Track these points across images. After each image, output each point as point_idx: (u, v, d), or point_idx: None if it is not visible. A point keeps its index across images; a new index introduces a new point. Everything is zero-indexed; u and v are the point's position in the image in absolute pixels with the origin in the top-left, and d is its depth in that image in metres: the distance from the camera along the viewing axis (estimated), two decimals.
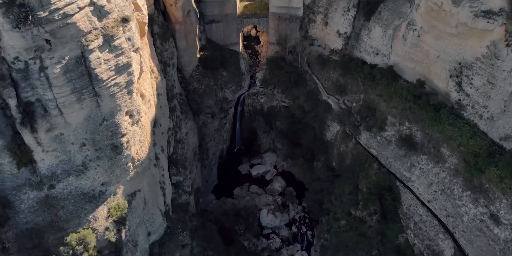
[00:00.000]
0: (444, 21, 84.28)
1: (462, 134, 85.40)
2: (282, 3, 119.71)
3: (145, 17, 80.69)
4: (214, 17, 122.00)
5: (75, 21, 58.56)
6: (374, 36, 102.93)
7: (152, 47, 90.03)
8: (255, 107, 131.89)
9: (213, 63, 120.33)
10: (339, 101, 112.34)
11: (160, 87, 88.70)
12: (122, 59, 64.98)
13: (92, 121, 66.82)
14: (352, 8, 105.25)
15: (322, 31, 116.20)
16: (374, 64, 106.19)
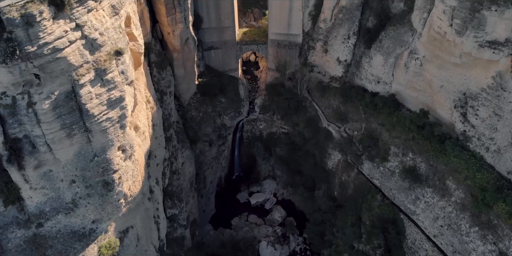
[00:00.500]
0: (448, 50, 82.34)
1: (468, 167, 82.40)
2: (281, 30, 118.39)
3: (141, 47, 78.72)
4: (213, 44, 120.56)
5: (66, 55, 56.26)
6: (375, 64, 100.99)
7: (148, 76, 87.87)
8: (254, 134, 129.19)
9: (212, 90, 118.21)
10: (340, 129, 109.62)
11: (156, 117, 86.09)
12: (114, 93, 62.47)
13: (82, 157, 63.88)
14: (353, 35, 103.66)
15: (321, 58, 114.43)
16: (376, 92, 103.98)
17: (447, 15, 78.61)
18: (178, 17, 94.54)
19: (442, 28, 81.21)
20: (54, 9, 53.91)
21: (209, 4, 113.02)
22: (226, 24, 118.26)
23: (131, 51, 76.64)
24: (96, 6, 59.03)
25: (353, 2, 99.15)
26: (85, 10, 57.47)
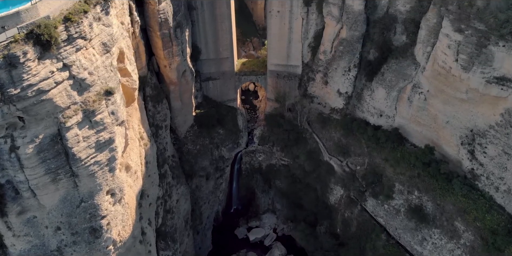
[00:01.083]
0: (453, 86, 79.49)
1: (478, 207, 78.35)
2: (280, 61, 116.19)
3: (134, 83, 75.80)
4: (211, 75, 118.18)
5: (51, 97, 53.08)
6: (377, 97, 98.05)
7: (143, 111, 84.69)
8: (253, 165, 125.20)
9: (209, 121, 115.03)
10: (342, 163, 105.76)
11: (150, 154, 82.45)
12: (103, 135, 59.03)
13: (68, 203, 59.93)
14: (353, 68, 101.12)
15: (322, 90, 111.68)
16: (378, 125, 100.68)
17: (452, 50, 76.14)
18: (175, 50, 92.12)
19: (447, 63, 78.60)
20: (40, 49, 51.01)
21: (208, 35, 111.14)
22: (224, 55, 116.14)
23: (125, 87, 73.81)
24: (85, 44, 56.27)
25: (353, 34, 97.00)
26: (74, 49, 54.65)
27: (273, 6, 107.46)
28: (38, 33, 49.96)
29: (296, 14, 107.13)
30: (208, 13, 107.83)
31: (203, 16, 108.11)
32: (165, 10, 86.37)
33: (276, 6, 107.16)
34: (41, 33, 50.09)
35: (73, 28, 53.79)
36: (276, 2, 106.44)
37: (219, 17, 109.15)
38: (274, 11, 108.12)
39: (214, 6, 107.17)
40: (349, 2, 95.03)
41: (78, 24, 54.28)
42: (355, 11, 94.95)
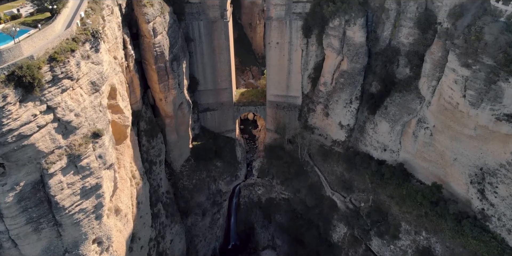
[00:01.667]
0: (461, 122, 75.90)
1: (489, 250, 73.62)
2: (279, 91, 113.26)
3: (127, 120, 72.31)
4: (209, 106, 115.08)
5: (34, 142, 49.45)
6: (381, 131, 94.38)
7: (136, 147, 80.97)
8: (252, 199, 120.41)
9: (207, 154, 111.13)
10: (345, 199, 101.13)
11: (142, 193, 78.21)
12: (90, 181, 55.07)
13: (51, 254, 55.53)
14: (355, 100, 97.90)
15: (322, 121, 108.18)
16: (382, 160, 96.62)
17: (460, 85, 72.92)
18: (171, 84, 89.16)
19: (454, 98, 75.26)
20: (22, 92, 47.71)
21: (206, 67, 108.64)
22: (223, 86, 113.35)
23: (116, 124, 70.34)
24: (72, 84, 52.98)
25: (354, 66, 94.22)
26: (59, 90, 51.33)
27: (272, 38, 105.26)
28: (20, 74, 46.81)
29: (295, 45, 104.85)
30: (206, 45, 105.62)
31: (201, 48, 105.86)
32: (161, 43, 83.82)
33: (275, 37, 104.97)
34: (23, 75, 46.94)
35: (58, 68, 50.65)
36: (275, 33, 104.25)
37: (218, 49, 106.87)
38: (273, 42, 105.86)
39: (212, 38, 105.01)
40: (350, 34, 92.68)
41: (64, 63, 51.17)
42: (356, 43, 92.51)
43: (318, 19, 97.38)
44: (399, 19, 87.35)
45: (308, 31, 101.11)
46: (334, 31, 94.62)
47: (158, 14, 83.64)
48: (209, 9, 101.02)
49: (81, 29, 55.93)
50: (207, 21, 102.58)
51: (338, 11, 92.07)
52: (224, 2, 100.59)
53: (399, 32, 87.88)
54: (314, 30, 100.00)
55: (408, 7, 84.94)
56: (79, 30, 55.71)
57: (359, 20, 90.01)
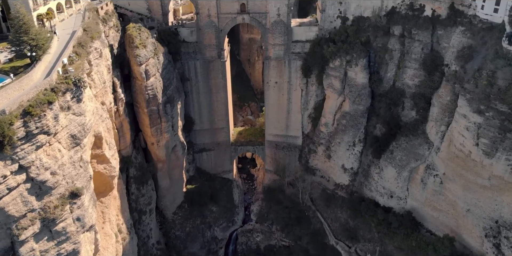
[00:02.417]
0: (474, 171, 70.51)
1: None
2: (279, 131, 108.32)
3: (113, 170, 66.89)
4: (205, 146, 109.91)
5: (3, 206, 44.12)
6: (387, 177, 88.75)
7: (124, 197, 75.20)
8: (250, 247, 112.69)
9: (201, 198, 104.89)
10: (351, 249, 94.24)
11: (128, 249, 71.85)
12: (66, 247, 49.21)
13: None
14: (358, 143, 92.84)
15: (324, 163, 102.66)
16: (389, 207, 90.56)
17: (472, 132, 67.97)
18: (164, 127, 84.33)
19: (465, 146, 70.14)
20: None
21: (202, 106, 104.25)
22: (220, 126, 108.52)
23: (102, 175, 64.88)
24: (48, 140, 47.90)
25: (357, 108, 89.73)
26: (33, 147, 46.19)
27: (271, 77, 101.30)
28: None
29: (294, 85, 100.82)
30: (203, 84, 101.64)
31: (198, 87, 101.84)
32: (153, 85, 79.59)
33: (273, 77, 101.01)
34: None
35: (33, 123, 45.72)
36: (274, 73, 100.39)
37: (214, 88, 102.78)
38: (271, 82, 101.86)
39: (209, 77, 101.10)
40: (352, 75, 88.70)
41: (40, 118, 46.28)
42: (359, 84, 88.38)
43: (317, 59, 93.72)
44: (404, 60, 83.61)
45: (308, 71, 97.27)
46: (335, 71, 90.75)
47: (151, 55, 79.84)
48: (206, 49, 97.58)
49: (62, 78, 51.44)
50: (203, 61, 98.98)
51: (339, 51, 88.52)
52: (221, 41, 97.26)
53: (404, 74, 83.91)
54: (314, 70, 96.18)
55: (413, 48, 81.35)
56: (60, 79, 51.22)
57: (361, 60, 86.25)
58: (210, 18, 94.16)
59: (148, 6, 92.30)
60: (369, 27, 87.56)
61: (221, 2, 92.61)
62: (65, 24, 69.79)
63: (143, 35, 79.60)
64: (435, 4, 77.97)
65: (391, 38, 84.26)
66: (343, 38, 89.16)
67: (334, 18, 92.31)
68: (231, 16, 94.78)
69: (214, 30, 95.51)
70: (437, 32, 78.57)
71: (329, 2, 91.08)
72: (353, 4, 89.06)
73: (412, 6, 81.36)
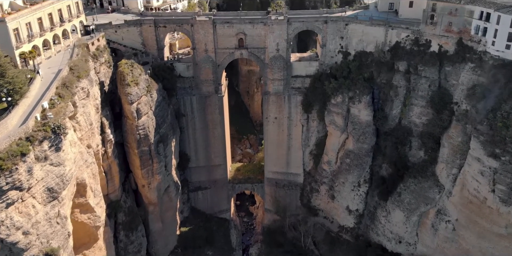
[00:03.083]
0: (489, 218, 65.06)
1: None
2: (279, 168, 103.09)
3: (98, 219, 61.44)
4: (201, 184, 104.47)
5: None
6: (395, 221, 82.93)
7: (110, 247, 69.51)
8: None
9: (196, 242, 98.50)
10: None
11: None
12: None
13: None
14: (364, 183, 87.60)
15: (328, 204, 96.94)
16: (397, 252, 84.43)
17: (487, 177, 62.90)
18: (156, 168, 79.24)
19: (480, 191, 64.93)
20: None
21: (198, 142, 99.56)
22: (216, 162, 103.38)
23: (85, 225, 59.33)
24: (21, 195, 42.80)
25: (361, 147, 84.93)
26: (3, 205, 41.13)
27: (270, 113, 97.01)
28: None
29: (295, 120, 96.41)
30: (199, 120, 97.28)
31: (193, 123, 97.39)
32: (145, 125, 75.03)
33: (273, 112, 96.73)
34: None
35: (3, 178, 40.76)
36: (273, 108, 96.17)
37: (211, 124, 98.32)
38: (271, 117, 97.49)
39: (205, 112, 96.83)
40: (355, 112, 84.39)
41: (11, 172, 41.35)
42: (362, 122, 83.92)
43: (319, 95, 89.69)
44: (410, 97, 79.40)
45: (309, 107, 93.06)
46: (337, 108, 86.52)
47: (144, 93, 75.69)
48: (202, 84, 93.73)
49: (39, 125, 46.81)
50: (200, 96, 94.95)
51: (341, 87, 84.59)
52: (218, 76, 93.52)
53: (410, 111, 79.52)
54: (315, 106, 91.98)
55: (419, 85, 77.29)
56: (37, 126, 46.62)
57: (365, 97, 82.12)
58: (207, 53, 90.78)
59: (143, 40, 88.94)
60: (372, 63, 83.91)
61: (218, 37, 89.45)
62: (51, 62, 65.87)
63: (136, 71, 75.68)
64: (442, 40, 74.48)
65: (396, 74, 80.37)
66: (345, 74, 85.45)
67: (335, 53, 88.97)
68: (229, 51, 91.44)
69: (211, 65, 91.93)
70: (445, 68, 74.74)
71: (330, 37, 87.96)
72: (355, 39, 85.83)
73: (418, 41, 77.84)
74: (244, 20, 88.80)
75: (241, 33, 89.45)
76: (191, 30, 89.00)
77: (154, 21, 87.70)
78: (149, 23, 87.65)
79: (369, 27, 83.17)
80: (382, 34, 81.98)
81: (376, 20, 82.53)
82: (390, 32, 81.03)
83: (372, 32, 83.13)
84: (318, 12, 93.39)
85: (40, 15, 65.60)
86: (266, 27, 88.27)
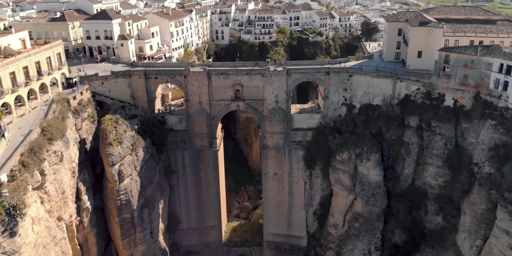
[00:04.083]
0: None
1: None
2: (279, 230, 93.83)
3: None
4: (192, 248, 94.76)
5: None
6: None
7: None
8: None
9: None
10: None
11: None
12: None
13: None
14: (375, 251, 78.18)
15: None
16: None
17: None
18: (139, 238, 70.26)
19: None
20: None
21: (190, 201, 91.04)
22: (210, 223, 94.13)
23: None
24: None
25: (371, 210, 76.23)
26: None
27: (269, 168, 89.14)
28: None
29: (296, 177, 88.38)
30: (191, 176, 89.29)
31: (185, 180, 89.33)
32: (127, 189, 66.85)
33: (272, 168, 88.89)
34: None
35: None
36: (273, 163, 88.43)
37: (204, 180, 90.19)
38: (270, 173, 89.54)
39: (198, 168, 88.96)
40: (363, 171, 76.45)
41: None
42: (372, 182, 75.77)
43: (322, 150, 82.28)
44: (423, 156, 71.76)
45: (311, 162, 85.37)
46: (343, 165, 78.76)
47: (128, 152, 68.14)
48: (195, 137, 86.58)
49: None
50: (193, 151, 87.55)
51: (346, 143, 77.30)
52: (213, 129, 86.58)
53: (424, 171, 71.63)
54: (318, 162, 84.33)
55: (434, 143, 69.91)
56: None
57: (373, 155, 74.52)
58: (201, 105, 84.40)
59: (132, 92, 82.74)
60: (380, 117, 77.10)
61: (213, 88, 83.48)
62: (23, 121, 58.72)
63: (121, 128, 68.52)
64: (457, 94, 68.00)
65: (407, 130, 73.24)
66: (351, 128, 78.49)
67: (339, 105, 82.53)
68: (225, 102, 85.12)
69: (205, 118, 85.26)
70: (462, 125, 67.77)
71: (333, 89, 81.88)
72: (360, 91, 79.61)
73: (430, 94, 71.40)
74: (240, 71, 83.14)
75: (238, 85, 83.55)
76: (184, 82, 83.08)
77: (144, 72, 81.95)
78: (139, 74, 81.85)
79: (375, 79, 77.15)
80: (390, 86, 75.81)
81: (383, 72, 76.65)
82: (398, 84, 74.87)
83: (378, 84, 77.00)
84: (319, 63, 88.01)
85: (13, 69, 59.35)
86: (264, 78, 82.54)
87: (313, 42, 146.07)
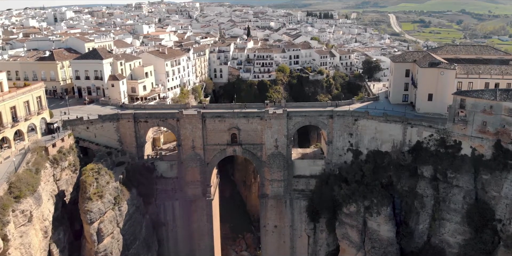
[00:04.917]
0: None
1: None
2: None
3: None
4: None
5: None
6: None
7: None
8: None
9: None
10: None
11: None
12: None
13: None
14: None
15: None
16: None
17: None
18: None
19: None
20: None
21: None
22: None
23: None
24: None
25: None
26: None
27: (269, 220, 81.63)
28: None
29: (299, 230, 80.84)
30: (182, 229, 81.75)
31: (175, 233, 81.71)
32: (108, 250, 59.19)
33: (272, 220, 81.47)
34: None
35: None
36: (272, 214, 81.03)
37: (197, 234, 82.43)
38: (270, 226, 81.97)
39: (190, 220, 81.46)
40: (373, 226, 68.87)
41: None
42: (383, 239, 68.00)
43: (327, 201, 75.03)
44: (439, 210, 64.45)
45: (315, 214, 78.01)
46: (351, 219, 71.25)
47: (110, 207, 60.95)
48: (188, 186, 79.61)
49: None
50: (184, 200, 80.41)
51: (354, 194, 70.24)
52: (207, 176, 79.77)
53: (442, 227, 64.08)
54: (323, 214, 76.90)
55: (451, 196, 62.85)
56: None
57: (384, 209, 67.22)
58: (194, 150, 78.08)
59: (120, 137, 76.44)
60: (389, 165, 70.39)
61: (208, 132, 77.44)
62: None
63: (103, 179, 61.71)
64: (475, 142, 61.62)
65: (420, 181, 66.37)
66: (358, 178, 71.67)
67: (344, 151, 76.18)
68: (220, 147, 78.84)
69: (198, 164, 78.71)
70: (482, 176, 61.02)
71: (337, 133, 75.85)
72: (366, 137, 73.46)
73: (444, 142, 64.98)
74: (237, 114, 77.41)
75: (234, 128, 77.62)
76: (177, 125, 77.14)
77: (134, 115, 76.06)
78: (128, 117, 75.88)
79: (383, 124, 71.12)
80: (399, 132, 69.65)
81: (392, 116, 70.68)
82: (409, 130, 68.74)
83: (387, 130, 70.88)
84: (321, 105, 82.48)
85: None
86: (263, 121, 76.73)
87: (314, 81, 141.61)
